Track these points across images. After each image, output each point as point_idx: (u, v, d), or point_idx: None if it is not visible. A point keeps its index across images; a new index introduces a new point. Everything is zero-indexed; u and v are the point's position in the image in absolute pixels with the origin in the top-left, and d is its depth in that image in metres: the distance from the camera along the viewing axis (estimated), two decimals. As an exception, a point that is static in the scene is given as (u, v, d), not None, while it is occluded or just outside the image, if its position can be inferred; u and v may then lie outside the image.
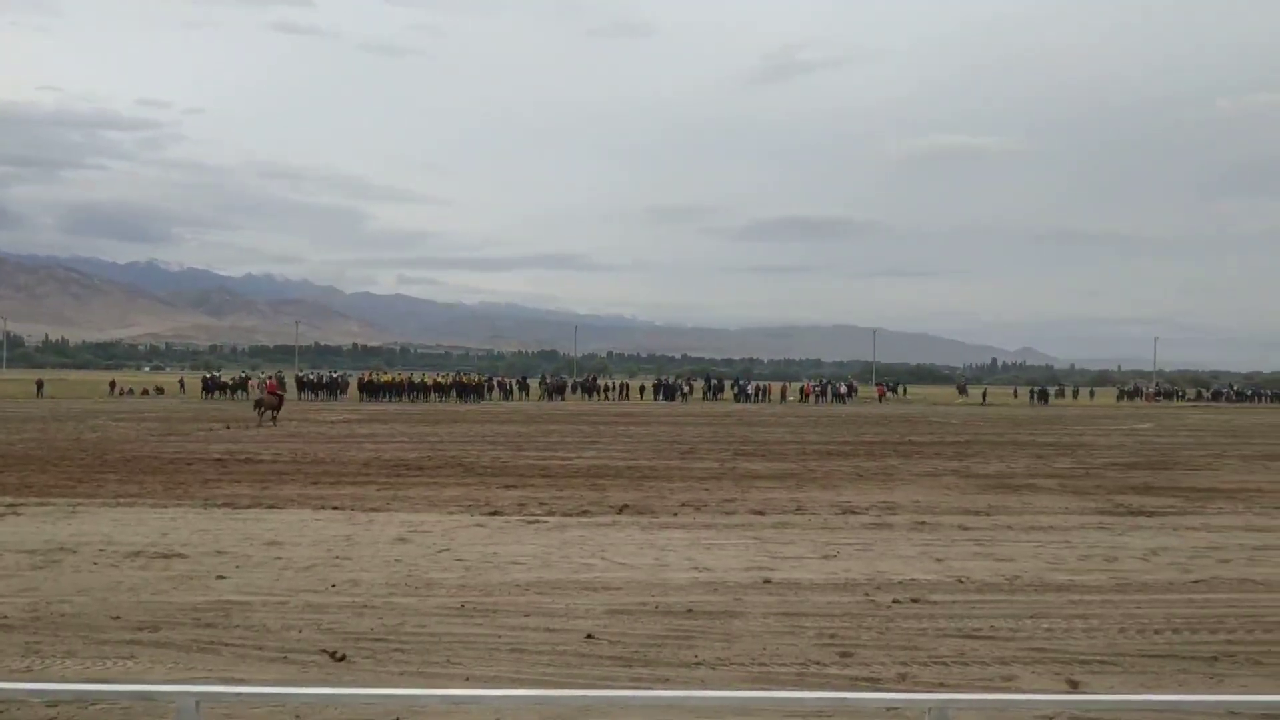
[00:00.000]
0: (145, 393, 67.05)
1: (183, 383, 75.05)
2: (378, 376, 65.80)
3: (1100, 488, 17.44)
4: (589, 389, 68.08)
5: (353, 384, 64.31)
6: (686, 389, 71.65)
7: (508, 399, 63.71)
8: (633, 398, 67.86)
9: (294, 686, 6.01)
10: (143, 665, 6.65)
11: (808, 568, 9.95)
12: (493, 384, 68.18)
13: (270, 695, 4.52)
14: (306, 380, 61.75)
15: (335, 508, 13.73)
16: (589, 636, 7.37)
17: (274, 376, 52.82)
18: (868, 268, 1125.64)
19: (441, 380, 64.74)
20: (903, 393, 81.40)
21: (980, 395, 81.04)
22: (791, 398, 68.59)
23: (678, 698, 3.96)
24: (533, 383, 75.08)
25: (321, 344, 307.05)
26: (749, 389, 69.77)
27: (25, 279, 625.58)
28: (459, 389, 61.16)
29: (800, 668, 6.74)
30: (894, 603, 8.47)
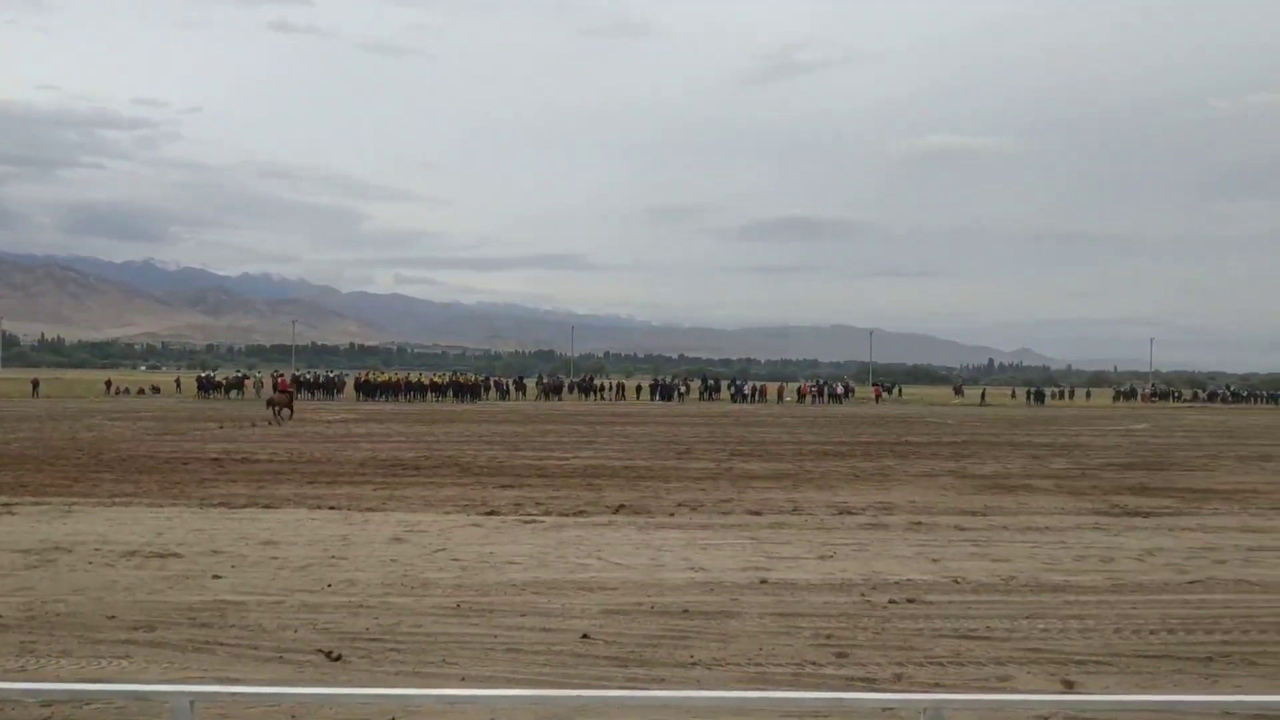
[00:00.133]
0: (141, 392, 67.06)
1: (179, 382, 74.98)
2: (375, 376, 65.74)
3: (1096, 488, 17.46)
4: (586, 389, 68.00)
5: (349, 383, 64.33)
6: (683, 389, 71.68)
7: (505, 399, 63.70)
8: (629, 398, 67.89)
9: (289, 686, 6.00)
10: (138, 665, 6.64)
11: (804, 568, 9.95)
12: (490, 384, 68.13)
13: (265, 695, 4.52)
14: (303, 380, 61.63)
15: (331, 507, 13.72)
16: (585, 636, 7.37)
17: (285, 375, 53.07)
18: (865, 268, 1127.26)
19: (438, 380, 64.70)
20: (898, 394, 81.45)
21: (979, 395, 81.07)
22: (789, 398, 68.61)
23: (674, 698, 3.96)
24: (530, 383, 75.04)
25: (318, 343, 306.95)
26: (746, 389, 69.74)
27: (22, 278, 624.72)
28: (456, 389, 61.17)
29: (796, 668, 6.74)
30: (890, 603, 8.48)
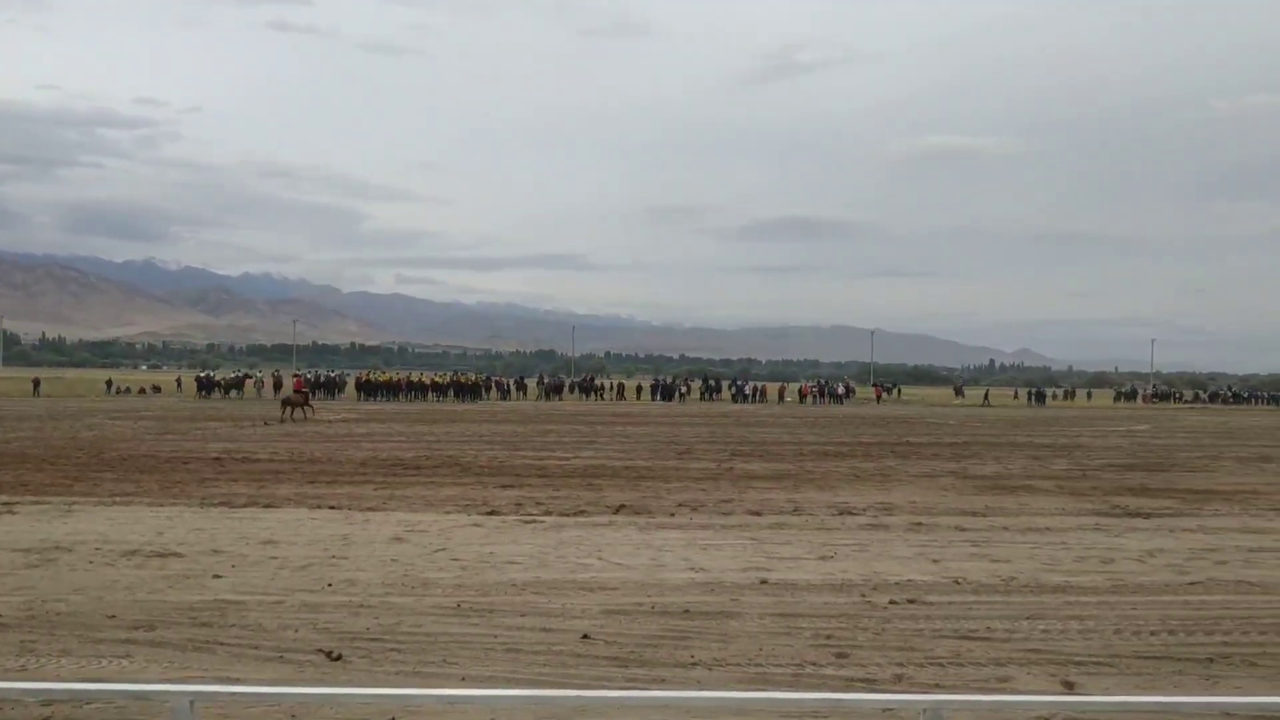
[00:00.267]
0: (142, 391, 67.06)
1: (179, 381, 75.01)
2: (375, 376, 65.79)
3: (1097, 489, 17.45)
4: (587, 389, 67.97)
5: (350, 383, 64.33)
6: (684, 389, 71.64)
7: (505, 399, 63.67)
8: (630, 398, 67.85)
9: (289, 686, 6.00)
10: (138, 664, 6.64)
11: (804, 568, 9.95)
12: (490, 384, 68.11)
13: (265, 695, 4.52)
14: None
15: (332, 507, 13.72)
16: (585, 636, 7.36)
17: (301, 375, 53.15)
18: (866, 268, 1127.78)
19: (439, 380, 64.75)
20: (897, 394, 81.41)
21: (983, 395, 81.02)
22: (790, 398, 68.58)
23: (674, 698, 3.97)
24: (530, 383, 75.02)
25: (319, 343, 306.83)
26: (746, 389, 69.75)
27: (22, 277, 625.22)
28: (457, 389, 61.18)
29: (796, 668, 6.73)
30: (890, 604, 8.47)
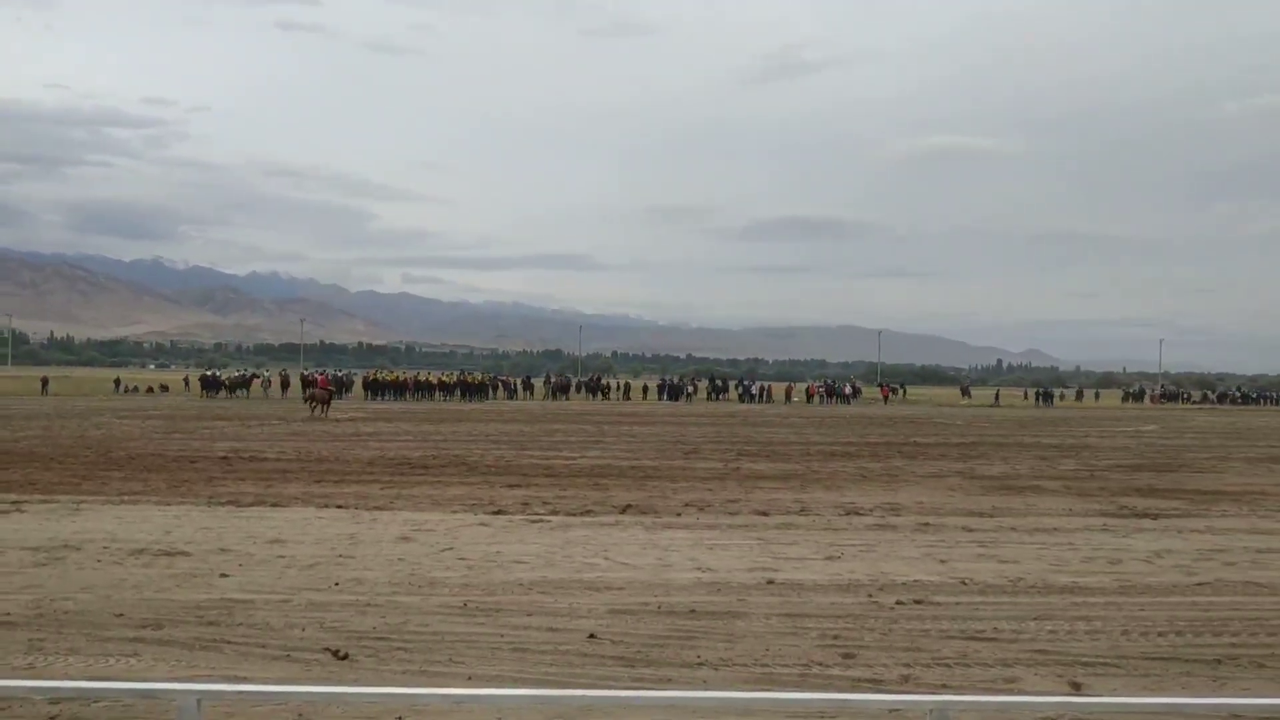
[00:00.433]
0: (150, 390, 67.31)
1: (187, 380, 75.21)
2: (382, 375, 65.91)
3: (1104, 490, 17.40)
4: (593, 389, 68.00)
5: (357, 382, 64.41)
6: (691, 389, 71.63)
7: (512, 398, 63.72)
8: (637, 398, 67.86)
9: (296, 685, 6.01)
10: (145, 663, 6.66)
11: (811, 569, 9.93)
12: (497, 383, 68.23)
13: (272, 694, 4.52)
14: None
15: (339, 506, 13.74)
16: (592, 636, 7.36)
17: (325, 372, 53.26)
18: (871, 268, 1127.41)
19: (446, 379, 64.81)
20: (902, 394, 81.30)
21: (993, 395, 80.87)
22: (796, 398, 68.52)
23: (680, 698, 3.96)
24: (537, 382, 74.99)
25: (326, 342, 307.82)
26: (753, 389, 69.73)
27: (30, 276, 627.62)
28: (464, 388, 61.21)
29: (803, 669, 6.73)
30: (897, 604, 8.46)
